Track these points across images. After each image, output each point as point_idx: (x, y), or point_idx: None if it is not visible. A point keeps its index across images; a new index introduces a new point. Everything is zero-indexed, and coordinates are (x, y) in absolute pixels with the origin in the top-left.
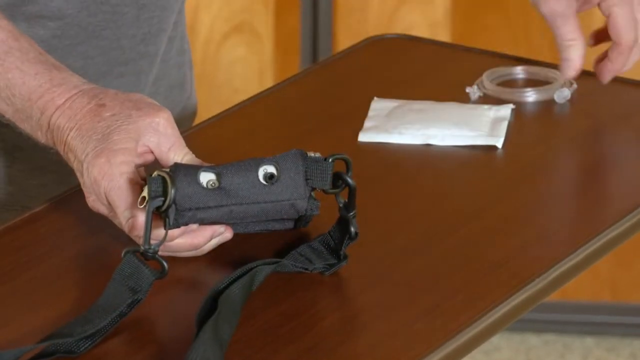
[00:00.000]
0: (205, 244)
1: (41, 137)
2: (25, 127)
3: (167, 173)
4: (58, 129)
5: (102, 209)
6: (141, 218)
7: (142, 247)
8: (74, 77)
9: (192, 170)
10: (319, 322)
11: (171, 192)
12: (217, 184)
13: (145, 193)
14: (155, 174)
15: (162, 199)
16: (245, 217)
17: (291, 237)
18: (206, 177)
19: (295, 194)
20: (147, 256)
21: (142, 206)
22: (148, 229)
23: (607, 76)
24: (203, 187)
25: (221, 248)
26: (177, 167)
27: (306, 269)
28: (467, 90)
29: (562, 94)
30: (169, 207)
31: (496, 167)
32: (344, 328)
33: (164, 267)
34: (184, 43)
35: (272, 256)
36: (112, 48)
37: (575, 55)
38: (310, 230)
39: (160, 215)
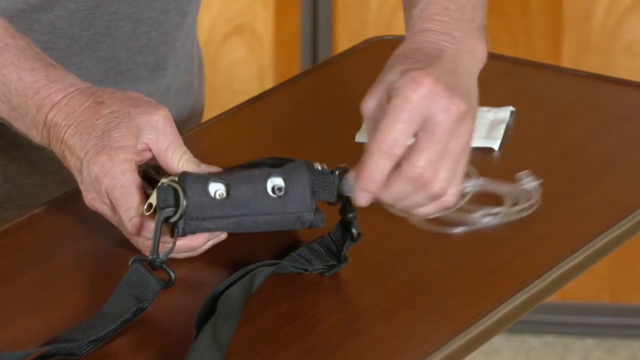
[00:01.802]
0: (202, 245)
1: (36, 135)
2: (21, 125)
3: (177, 183)
4: (55, 126)
5: (101, 208)
6: (145, 221)
7: (149, 256)
8: (70, 75)
9: (201, 180)
10: (318, 323)
11: (183, 203)
12: (225, 195)
13: (152, 200)
14: (164, 182)
15: (173, 209)
16: (252, 227)
17: (291, 239)
18: (215, 188)
19: (302, 206)
20: (155, 265)
21: (148, 213)
22: (157, 239)
23: (359, 194)
24: (212, 197)
25: (221, 250)
26: (185, 176)
27: (306, 270)
28: None
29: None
30: (180, 218)
31: (494, 169)
32: (344, 329)
33: (170, 277)
34: (194, 48)
35: (271, 258)
36: (108, 59)
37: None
38: (310, 232)
39: (166, 223)
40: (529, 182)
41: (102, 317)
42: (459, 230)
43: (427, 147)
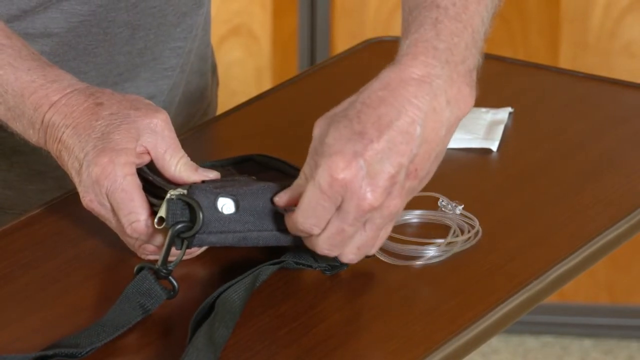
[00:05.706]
0: (198, 249)
1: (33, 135)
2: (17, 126)
3: (190, 197)
4: (52, 126)
5: (99, 210)
6: (144, 226)
7: (156, 266)
8: (67, 75)
9: (210, 196)
10: (317, 324)
11: (200, 219)
12: (234, 210)
13: (162, 213)
14: (173, 195)
15: (186, 225)
16: (257, 242)
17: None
18: (223, 202)
19: None
20: (160, 275)
21: (160, 227)
22: (168, 251)
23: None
24: (220, 212)
25: (222, 249)
26: (195, 190)
27: (310, 267)
28: None
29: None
30: (194, 234)
31: (492, 170)
32: (343, 330)
33: (174, 287)
34: (208, 51)
35: (273, 257)
36: (106, 63)
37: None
38: None
39: (169, 230)
40: (454, 207)
41: (107, 324)
42: (416, 263)
43: (332, 233)
